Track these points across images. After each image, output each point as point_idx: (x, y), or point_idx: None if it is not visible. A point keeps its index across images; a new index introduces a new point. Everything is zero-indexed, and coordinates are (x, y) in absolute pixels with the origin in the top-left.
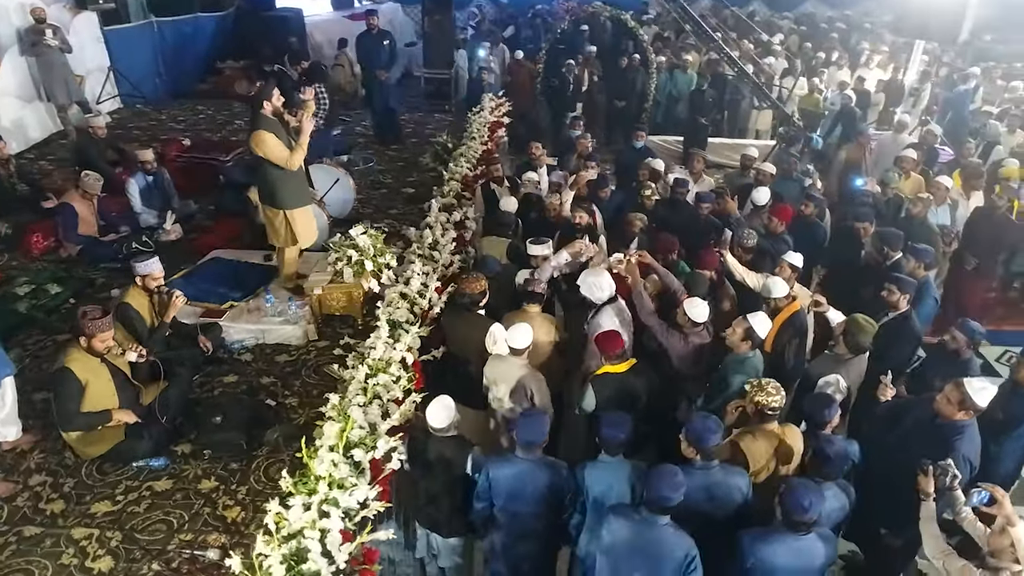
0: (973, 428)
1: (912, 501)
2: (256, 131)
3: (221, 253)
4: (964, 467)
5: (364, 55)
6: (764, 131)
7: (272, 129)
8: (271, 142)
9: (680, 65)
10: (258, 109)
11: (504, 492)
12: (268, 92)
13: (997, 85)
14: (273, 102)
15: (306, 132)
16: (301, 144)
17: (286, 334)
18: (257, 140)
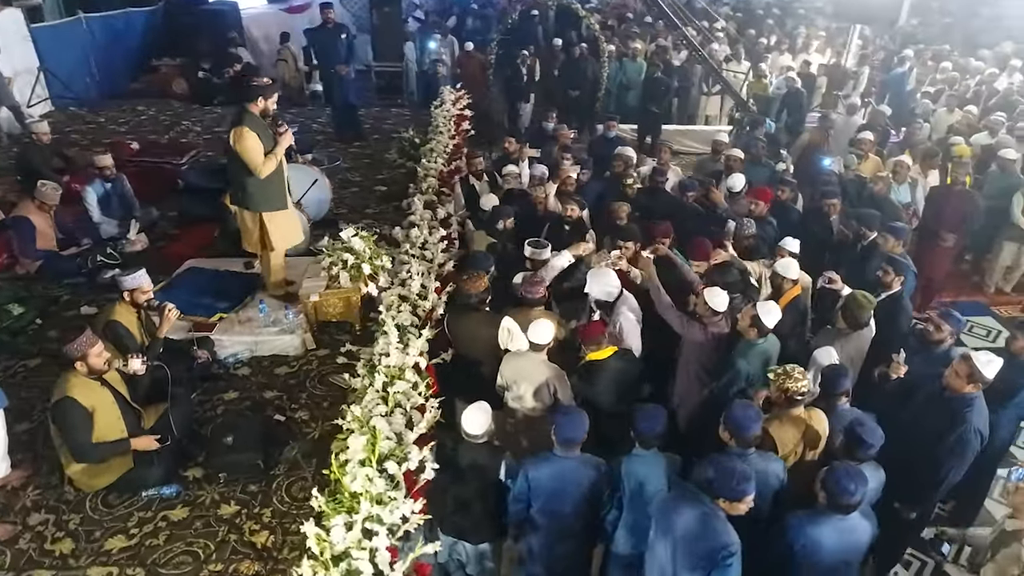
0: (981, 400)
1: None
2: (240, 127)
3: (197, 262)
4: (975, 438)
5: (321, 50)
6: (713, 117)
7: (257, 129)
8: (252, 143)
9: (628, 53)
10: (246, 104)
11: (545, 492)
12: (265, 90)
13: (928, 66)
14: (268, 103)
15: (283, 144)
16: (276, 154)
17: (283, 344)
18: (239, 137)
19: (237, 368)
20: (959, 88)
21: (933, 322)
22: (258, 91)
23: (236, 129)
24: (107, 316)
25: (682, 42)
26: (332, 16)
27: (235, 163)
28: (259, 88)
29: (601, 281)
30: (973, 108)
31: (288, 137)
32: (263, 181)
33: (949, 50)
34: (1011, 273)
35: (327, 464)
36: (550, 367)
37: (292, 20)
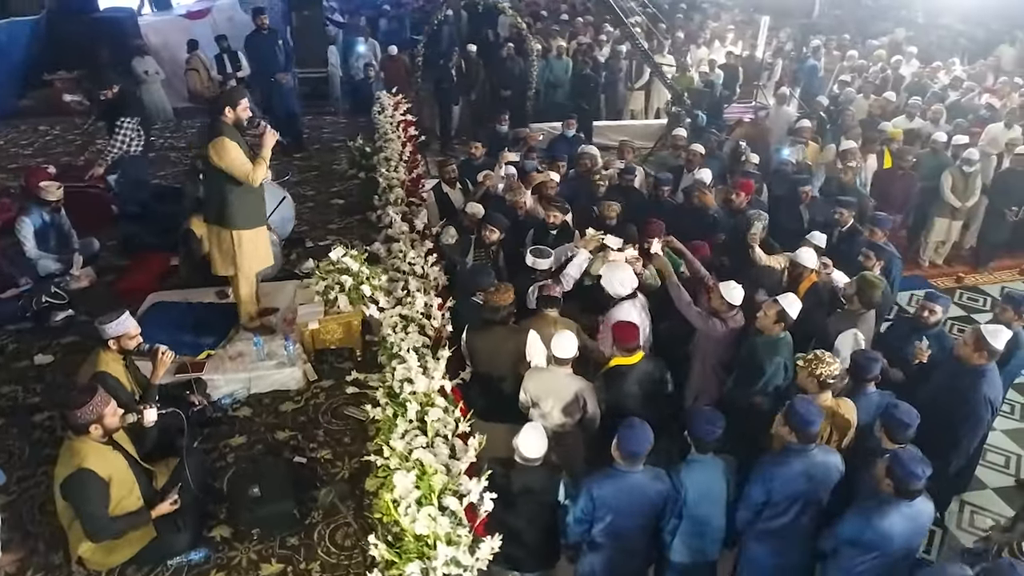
0: (994, 372)
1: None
2: (218, 138)
3: (162, 296)
4: (985, 407)
5: (257, 57)
6: (638, 112)
7: (235, 138)
8: (234, 152)
9: (551, 51)
10: (218, 115)
11: (611, 510)
12: (234, 98)
13: (833, 55)
14: (237, 111)
15: (268, 146)
16: (264, 157)
17: (283, 379)
18: (219, 148)
19: (236, 409)
20: (870, 75)
21: (925, 306)
22: (223, 100)
23: (215, 142)
24: (93, 368)
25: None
26: (266, 22)
27: (217, 179)
28: (223, 98)
29: (613, 276)
30: (890, 94)
31: (272, 135)
32: (245, 195)
33: (850, 39)
34: (943, 247)
35: (366, 505)
36: (578, 380)
37: (193, 26)
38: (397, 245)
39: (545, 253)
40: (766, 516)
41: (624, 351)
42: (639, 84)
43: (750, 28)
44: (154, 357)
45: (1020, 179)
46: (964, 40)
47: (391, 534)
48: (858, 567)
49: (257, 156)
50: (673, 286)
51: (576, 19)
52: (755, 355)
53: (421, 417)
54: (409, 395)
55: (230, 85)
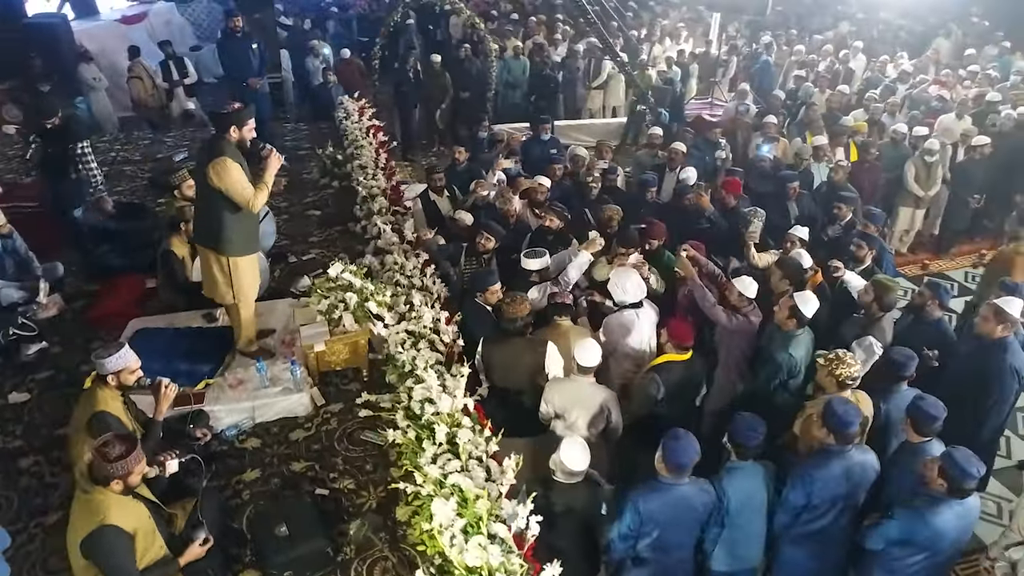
0: (1015, 343)
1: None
2: (220, 158)
3: (143, 322)
4: (1011, 377)
5: (230, 62)
6: (596, 110)
7: (238, 160)
8: (237, 175)
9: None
10: (221, 133)
11: (658, 525)
12: (242, 117)
13: (782, 51)
14: (243, 132)
15: (272, 170)
16: (267, 182)
17: (290, 405)
18: (220, 169)
19: (242, 441)
20: (822, 70)
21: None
22: (229, 119)
23: (217, 162)
24: (91, 407)
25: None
26: (239, 24)
27: (211, 203)
28: (230, 116)
29: (619, 282)
30: (844, 87)
31: (277, 160)
32: (242, 221)
33: (797, 34)
34: (907, 235)
35: (400, 536)
36: (602, 389)
37: (129, 32)
38: (391, 257)
39: (538, 254)
40: (804, 519)
41: (679, 348)
42: (597, 83)
43: (700, 25)
44: (156, 391)
45: (979, 168)
46: (904, 34)
47: (435, 567)
48: (907, 568)
49: (259, 181)
50: (698, 287)
51: (528, 19)
52: (769, 345)
53: (451, 439)
54: (432, 416)
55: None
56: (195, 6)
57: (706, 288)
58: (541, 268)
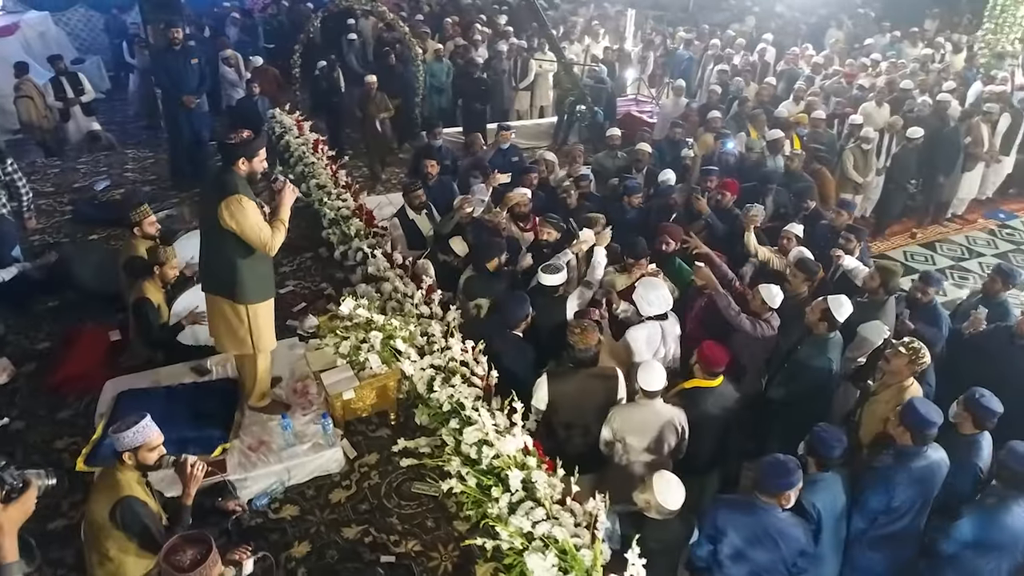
0: None
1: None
2: (234, 195)
3: (123, 384)
4: None
5: (167, 77)
6: (524, 112)
7: (252, 197)
8: (254, 215)
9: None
10: (228, 166)
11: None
12: (253, 147)
13: (695, 45)
14: (254, 164)
15: (287, 204)
16: (283, 220)
17: (323, 463)
18: (235, 208)
19: (276, 510)
20: (737, 63)
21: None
22: (237, 151)
23: (230, 200)
24: (115, 493)
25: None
26: (179, 36)
27: (222, 245)
28: (238, 147)
29: (652, 293)
30: (771, 80)
31: (291, 192)
32: (257, 263)
33: (710, 29)
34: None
35: None
36: (669, 409)
37: (2, 45)
38: (388, 285)
39: (556, 268)
40: (881, 522)
41: (708, 374)
42: (525, 83)
43: (612, 22)
44: (182, 471)
45: (913, 156)
46: (804, 27)
47: None
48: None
49: (275, 219)
50: (721, 296)
51: (444, 20)
52: (799, 352)
53: (527, 485)
54: (494, 460)
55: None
56: (71, 15)
57: (729, 296)
58: (562, 283)
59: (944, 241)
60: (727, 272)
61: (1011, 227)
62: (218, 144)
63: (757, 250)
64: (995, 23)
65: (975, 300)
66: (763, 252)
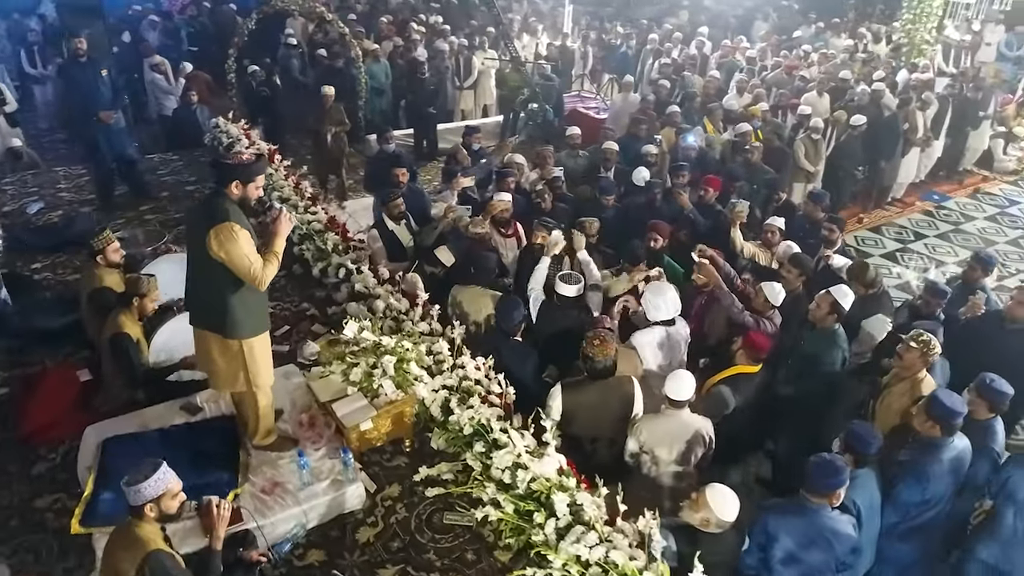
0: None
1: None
2: (226, 224)
3: (107, 429)
4: None
5: (75, 91)
6: (469, 111)
7: (245, 225)
8: (246, 245)
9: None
10: (221, 188)
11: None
12: (251, 171)
13: (633, 40)
14: (248, 189)
15: (282, 235)
16: (276, 252)
17: (347, 499)
18: (225, 236)
19: (300, 556)
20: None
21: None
22: (233, 172)
23: (221, 228)
24: (141, 550)
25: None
26: (83, 47)
27: (211, 276)
28: (235, 169)
29: (661, 299)
30: (715, 73)
31: (287, 222)
32: (250, 295)
33: (647, 24)
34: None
35: None
36: (696, 419)
37: None
38: (379, 303)
39: (574, 278)
40: (913, 514)
41: (752, 360)
42: (468, 82)
43: (549, 18)
44: (207, 515)
45: (858, 144)
46: (733, 20)
47: None
48: None
49: (268, 250)
50: (725, 294)
51: (382, 19)
52: (808, 347)
53: (574, 509)
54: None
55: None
56: None
57: (733, 294)
58: (579, 294)
59: (889, 224)
60: (730, 270)
61: (947, 208)
62: (212, 163)
63: (743, 246)
64: (914, 13)
65: (954, 287)
66: (749, 248)
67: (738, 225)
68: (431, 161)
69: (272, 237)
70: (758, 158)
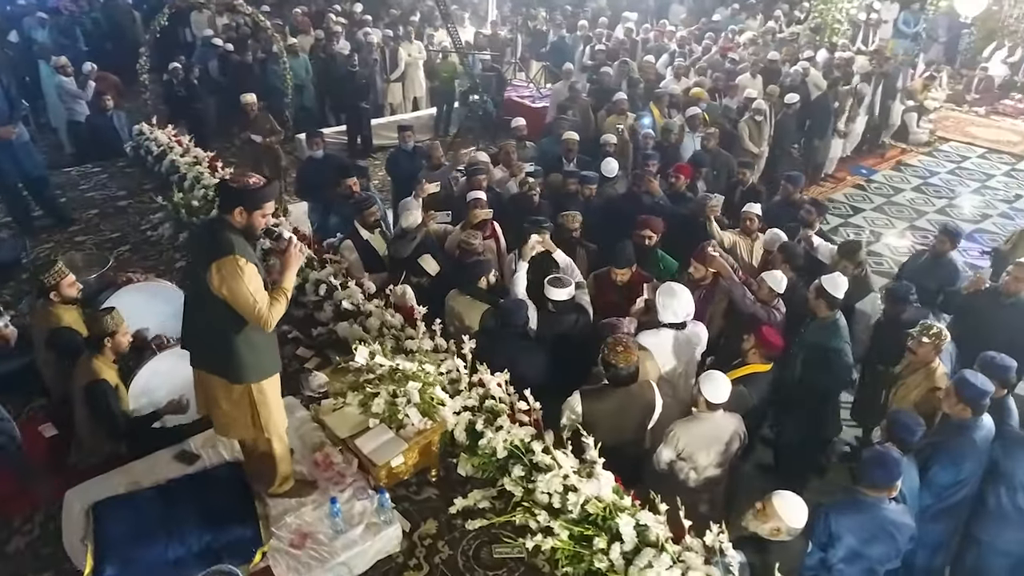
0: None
1: None
2: (229, 256)
3: (89, 492)
4: None
5: None
6: (398, 105)
7: (252, 259)
8: (255, 280)
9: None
10: (224, 215)
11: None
12: (256, 198)
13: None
14: (254, 217)
15: (293, 269)
16: (285, 289)
17: (384, 544)
18: (229, 271)
19: None
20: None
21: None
22: (239, 197)
23: (223, 261)
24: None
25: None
26: None
27: (212, 312)
28: (240, 194)
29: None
30: (650, 58)
31: (297, 255)
32: (256, 334)
33: (571, 10)
34: None
35: None
36: (732, 418)
37: None
38: (373, 320)
39: (564, 282)
40: (946, 496)
41: (765, 358)
42: (396, 75)
43: (472, 6)
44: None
45: (793, 121)
46: (652, 2)
47: None
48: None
49: (276, 287)
50: (737, 286)
51: (295, 10)
52: (813, 338)
53: (638, 529)
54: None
55: None
56: None
57: (743, 284)
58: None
59: (827, 200)
60: (733, 262)
61: (876, 181)
62: (218, 185)
63: (722, 237)
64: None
65: (923, 260)
66: (728, 237)
67: (712, 218)
68: (366, 158)
69: (281, 272)
70: (715, 144)
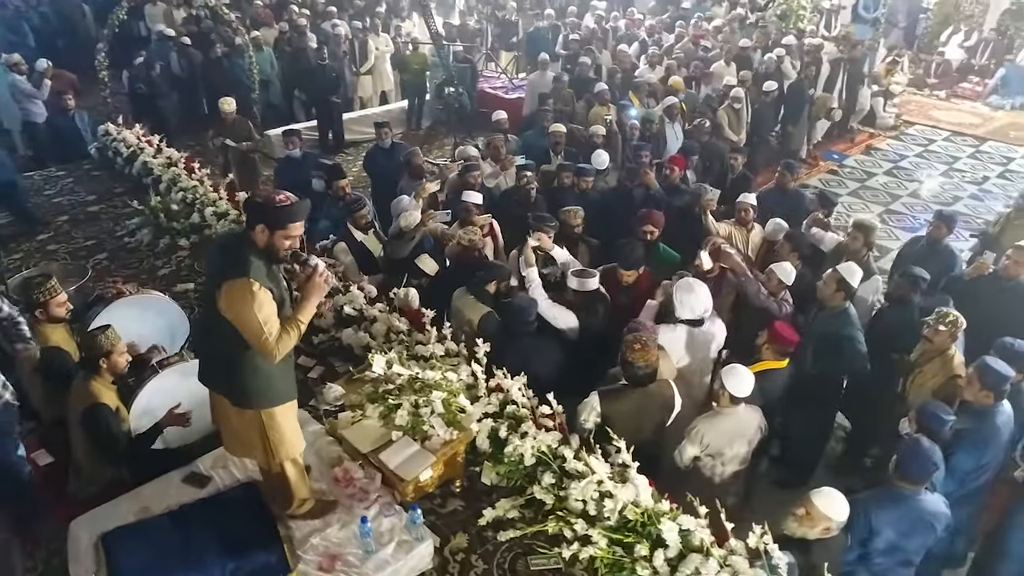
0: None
1: None
2: (241, 279)
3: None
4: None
5: None
6: (368, 99)
7: (266, 283)
8: (262, 308)
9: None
10: (247, 232)
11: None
12: (280, 217)
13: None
14: (277, 237)
15: (314, 299)
16: (300, 321)
17: (418, 560)
18: (238, 296)
19: None
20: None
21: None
22: (263, 213)
23: (234, 284)
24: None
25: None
26: None
27: (219, 332)
28: (264, 210)
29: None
30: (624, 47)
31: (322, 284)
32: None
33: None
34: None
35: None
36: (752, 411)
37: None
38: (379, 326)
39: (589, 274)
40: (967, 481)
41: (779, 354)
42: (365, 68)
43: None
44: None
45: (770, 108)
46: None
47: None
48: None
49: (290, 317)
50: (751, 281)
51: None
52: (822, 328)
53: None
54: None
55: None
56: None
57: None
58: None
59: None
60: (742, 256)
61: (848, 166)
62: (246, 202)
63: (718, 229)
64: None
65: (920, 247)
66: (724, 228)
67: (708, 212)
68: (338, 154)
69: (300, 301)
70: (706, 135)
